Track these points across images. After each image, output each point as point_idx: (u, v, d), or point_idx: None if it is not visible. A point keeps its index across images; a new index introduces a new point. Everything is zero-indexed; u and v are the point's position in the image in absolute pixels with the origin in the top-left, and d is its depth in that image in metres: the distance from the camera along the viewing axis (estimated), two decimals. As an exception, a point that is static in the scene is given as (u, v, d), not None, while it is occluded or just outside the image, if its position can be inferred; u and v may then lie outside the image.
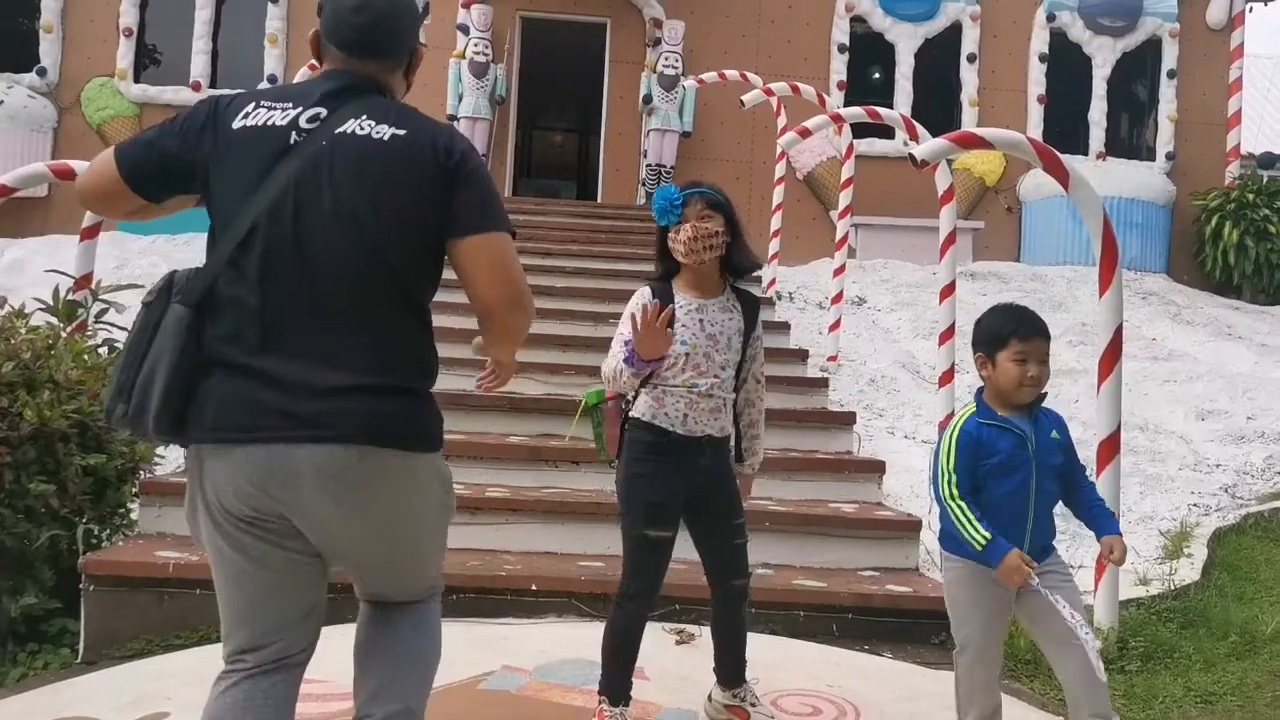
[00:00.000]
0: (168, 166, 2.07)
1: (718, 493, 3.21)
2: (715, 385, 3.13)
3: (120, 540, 4.51)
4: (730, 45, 11.45)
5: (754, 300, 3.29)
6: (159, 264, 9.27)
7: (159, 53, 11.49)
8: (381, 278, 1.99)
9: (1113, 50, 12.08)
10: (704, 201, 3.15)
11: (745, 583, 3.29)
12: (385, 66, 2.15)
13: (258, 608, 2.06)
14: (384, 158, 2.00)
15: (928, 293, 8.97)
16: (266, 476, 1.93)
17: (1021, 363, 2.85)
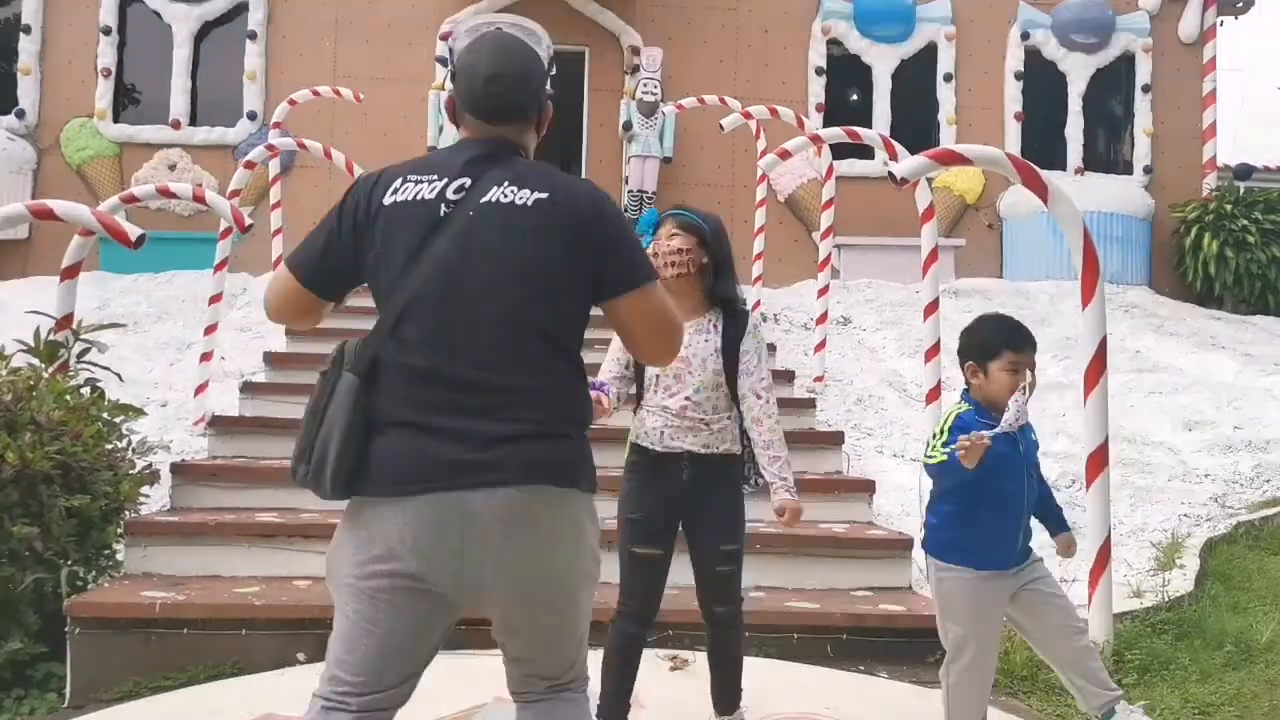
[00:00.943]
0: (343, 263, 2.19)
1: (706, 515, 3.20)
2: (688, 406, 3.15)
3: (105, 582, 4.46)
4: (708, 71, 11.51)
5: (741, 315, 3.29)
6: (141, 302, 9.23)
7: (138, 92, 11.48)
8: (534, 336, 2.11)
9: (1087, 67, 12.18)
10: (675, 222, 3.21)
11: (730, 610, 3.26)
12: (519, 128, 2.26)
13: (386, 658, 2.10)
14: (528, 223, 2.10)
15: (912, 311, 8.99)
16: (444, 523, 2.03)
17: (1014, 372, 2.94)
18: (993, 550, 3.01)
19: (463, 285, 2.08)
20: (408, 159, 2.29)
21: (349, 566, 2.11)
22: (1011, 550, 3.04)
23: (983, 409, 3.01)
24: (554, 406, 2.12)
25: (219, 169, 10.86)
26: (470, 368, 2.08)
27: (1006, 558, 3.03)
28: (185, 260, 9.88)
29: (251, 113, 11.20)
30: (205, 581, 4.50)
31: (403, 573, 2.05)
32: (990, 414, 2.99)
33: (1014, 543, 3.03)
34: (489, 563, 2.06)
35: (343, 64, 11.28)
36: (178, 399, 7.02)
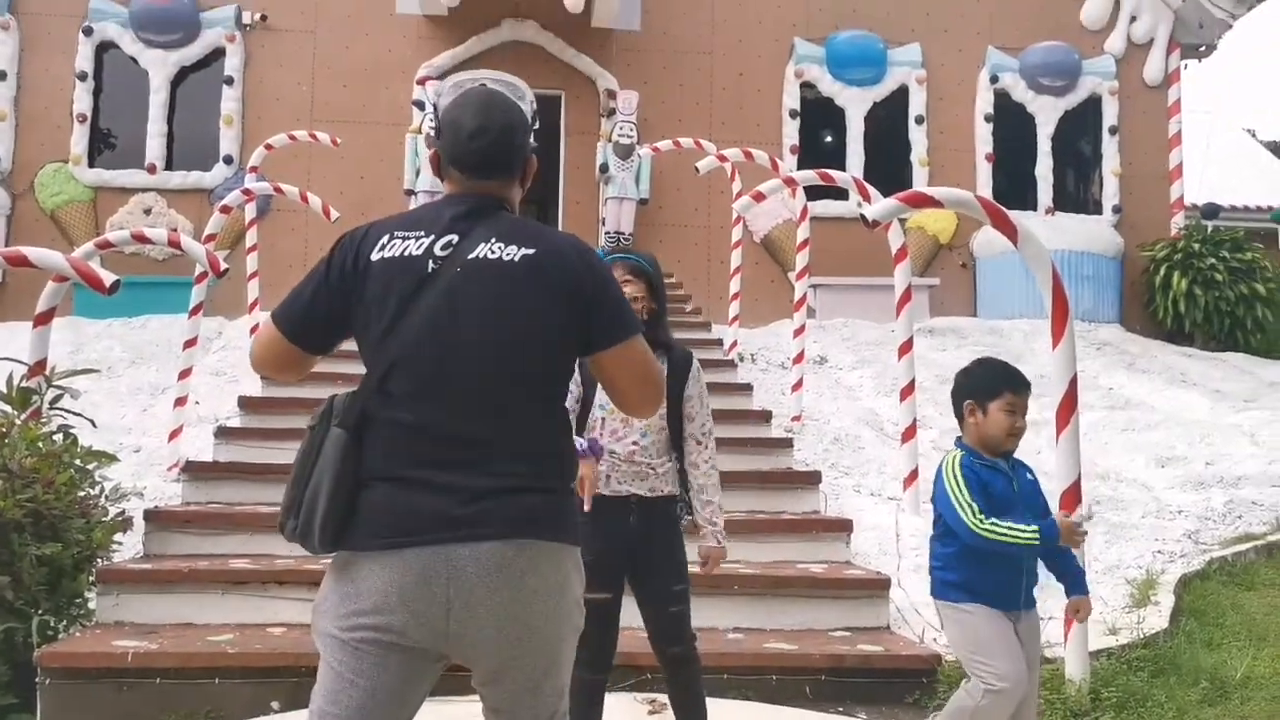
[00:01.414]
0: (330, 318, 2.21)
1: (654, 555, 3.20)
2: (634, 451, 3.17)
3: (77, 631, 4.40)
4: (684, 113, 11.64)
5: (684, 360, 3.30)
6: (114, 347, 9.18)
7: (113, 137, 11.48)
8: (521, 390, 2.14)
9: (1055, 109, 12.40)
10: (626, 268, 3.23)
11: (684, 650, 3.25)
12: (503, 182, 2.28)
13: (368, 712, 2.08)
14: (516, 279, 2.13)
15: (888, 350, 9.05)
16: (430, 576, 2.03)
17: (1011, 413, 2.99)
18: (1000, 592, 3.01)
19: (450, 341, 2.10)
20: (393, 214, 2.31)
21: (334, 619, 2.09)
22: (1016, 593, 3.02)
23: (976, 452, 3.04)
24: (539, 461, 2.14)
25: (195, 213, 10.86)
26: (457, 422, 2.09)
27: (1012, 600, 3.02)
28: (160, 305, 9.85)
29: (228, 157, 11.22)
30: (178, 630, 4.45)
31: (388, 627, 2.04)
32: (985, 456, 3.03)
33: (1019, 584, 3.02)
34: (474, 615, 2.05)
35: (319, 108, 11.34)
36: (151, 444, 6.97)
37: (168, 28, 11.27)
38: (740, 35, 12.03)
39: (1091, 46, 12.44)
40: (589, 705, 3.20)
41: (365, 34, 11.47)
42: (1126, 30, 12.50)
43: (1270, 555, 6.07)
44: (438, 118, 2.33)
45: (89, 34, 11.17)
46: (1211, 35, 12.67)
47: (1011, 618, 3.02)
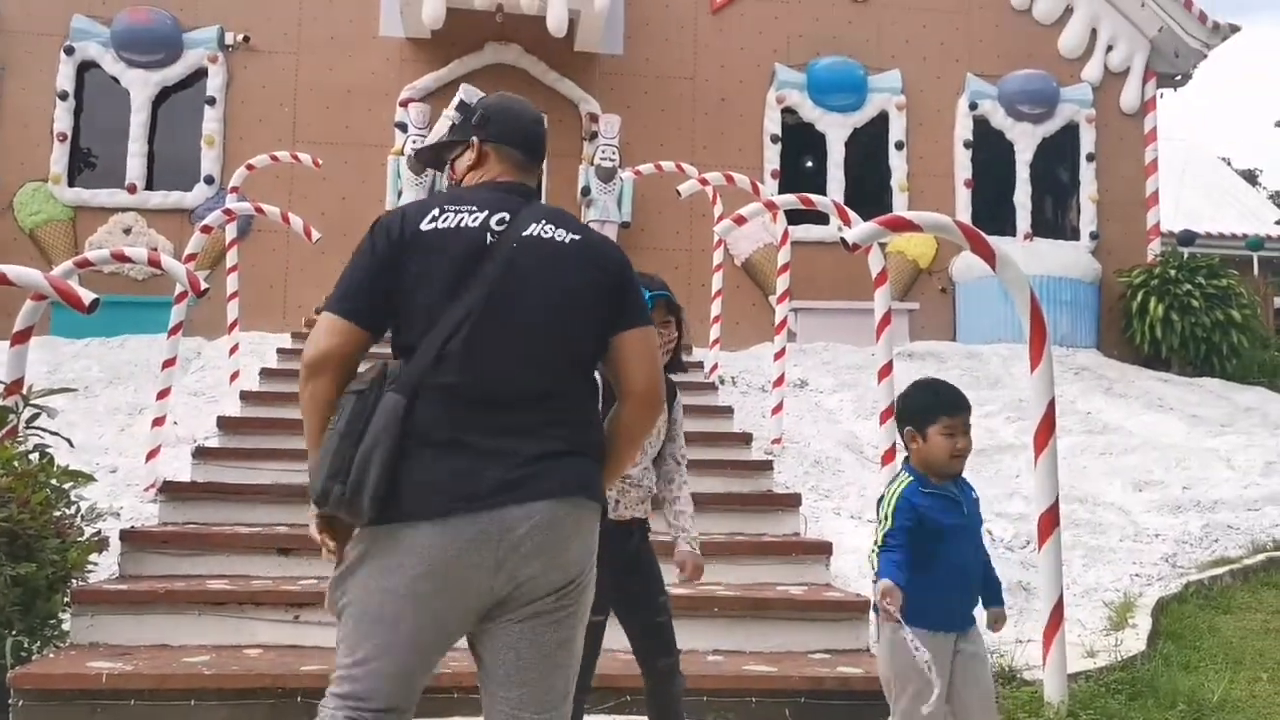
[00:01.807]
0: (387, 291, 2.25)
1: (640, 570, 3.26)
2: (644, 474, 3.23)
3: (51, 652, 4.35)
4: (666, 138, 11.71)
5: (672, 386, 3.37)
6: (92, 367, 9.12)
7: (94, 156, 11.44)
8: (569, 362, 2.30)
9: (1033, 136, 12.54)
10: (665, 306, 3.30)
11: (672, 662, 3.28)
12: (536, 174, 2.52)
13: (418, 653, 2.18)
14: (569, 259, 2.30)
15: (868, 374, 9.09)
16: (485, 540, 2.12)
17: (950, 436, 2.99)
18: (943, 613, 3.04)
19: (510, 310, 2.22)
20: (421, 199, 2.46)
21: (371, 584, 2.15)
22: (958, 614, 3.08)
23: (924, 478, 3.06)
24: (583, 429, 2.30)
25: (175, 233, 10.82)
26: (511, 389, 2.22)
27: (952, 620, 3.06)
28: (138, 325, 9.81)
29: (209, 177, 11.20)
30: (154, 651, 4.41)
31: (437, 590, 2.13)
32: (931, 482, 3.04)
33: (962, 607, 3.08)
34: (523, 571, 2.15)
35: (302, 129, 11.34)
36: (128, 465, 6.91)
37: (150, 48, 11.26)
38: (722, 61, 12.12)
39: (1069, 74, 12.60)
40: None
41: (348, 56, 11.51)
42: (1103, 59, 12.67)
43: (1246, 579, 6.11)
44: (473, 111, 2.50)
45: (70, 53, 11.14)
46: (1187, 65, 12.86)
47: (950, 637, 3.05)
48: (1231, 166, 25.15)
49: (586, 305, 2.30)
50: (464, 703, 4.11)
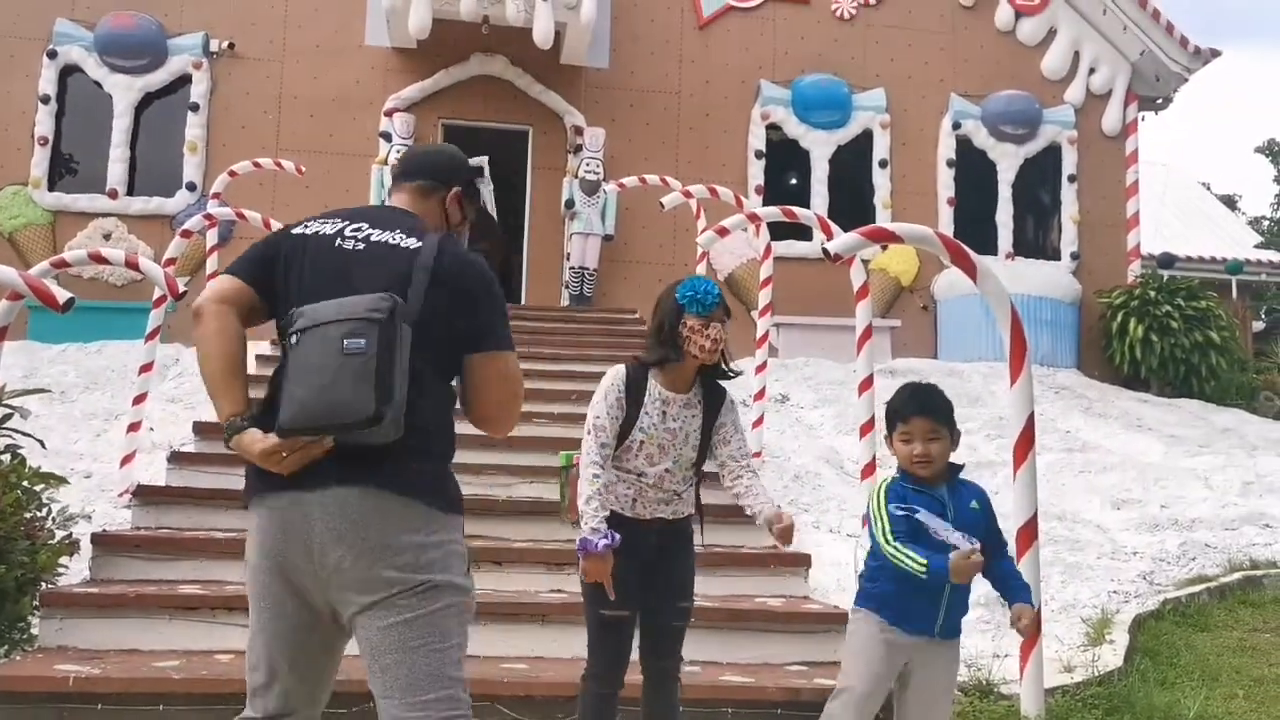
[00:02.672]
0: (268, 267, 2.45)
1: (667, 570, 3.26)
2: (664, 478, 3.19)
3: (18, 655, 4.29)
4: (650, 152, 11.73)
5: (720, 393, 3.37)
6: (69, 372, 9.04)
7: (75, 161, 11.38)
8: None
9: (1015, 156, 12.64)
10: (724, 307, 3.29)
11: (672, 665, 3.32)
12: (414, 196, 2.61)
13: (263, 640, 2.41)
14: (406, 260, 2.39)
15: (849, 389, 9.10)
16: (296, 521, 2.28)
17: (907, 442, 3.00)
18: (908, 611, 3.02)
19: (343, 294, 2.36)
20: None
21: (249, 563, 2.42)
22: (929, 618, 3.03)
23: (908, 476, 3.08)
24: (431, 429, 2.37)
25: (156, 239, 10.76)
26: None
27: (920, 623, 3.03)
28: (116, 330, 9.73)
29: (191, 183, 11.15)
30: (123, 655, 4.34)
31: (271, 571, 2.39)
32: (918, 483, 3.04)
33: (933, 610, 3.03)
34: (330, 557, 2.27)
35: (285, 137, 11.31)
36: (103, 470, 6.84)
37: (134, 53, 11.22)
38: (707, 76, 12.17)
39: (1052, 96, 12.71)
40: (597, 716, 3.26)
41: (333, 64, 11.49)
42: (1086, 81, 12.79)
43: (1223, 597, 6.13)
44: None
45: (53, 57, 11.10)
46: (1168, 88, 12.99)
47: (918, 642, 3.04)
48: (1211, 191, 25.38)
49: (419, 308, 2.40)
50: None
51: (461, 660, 2.34)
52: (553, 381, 7.79)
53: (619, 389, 3.22)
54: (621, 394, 3.22)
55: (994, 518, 3.15)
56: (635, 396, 3.22)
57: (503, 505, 5.67)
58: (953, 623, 3.08)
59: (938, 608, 3.01)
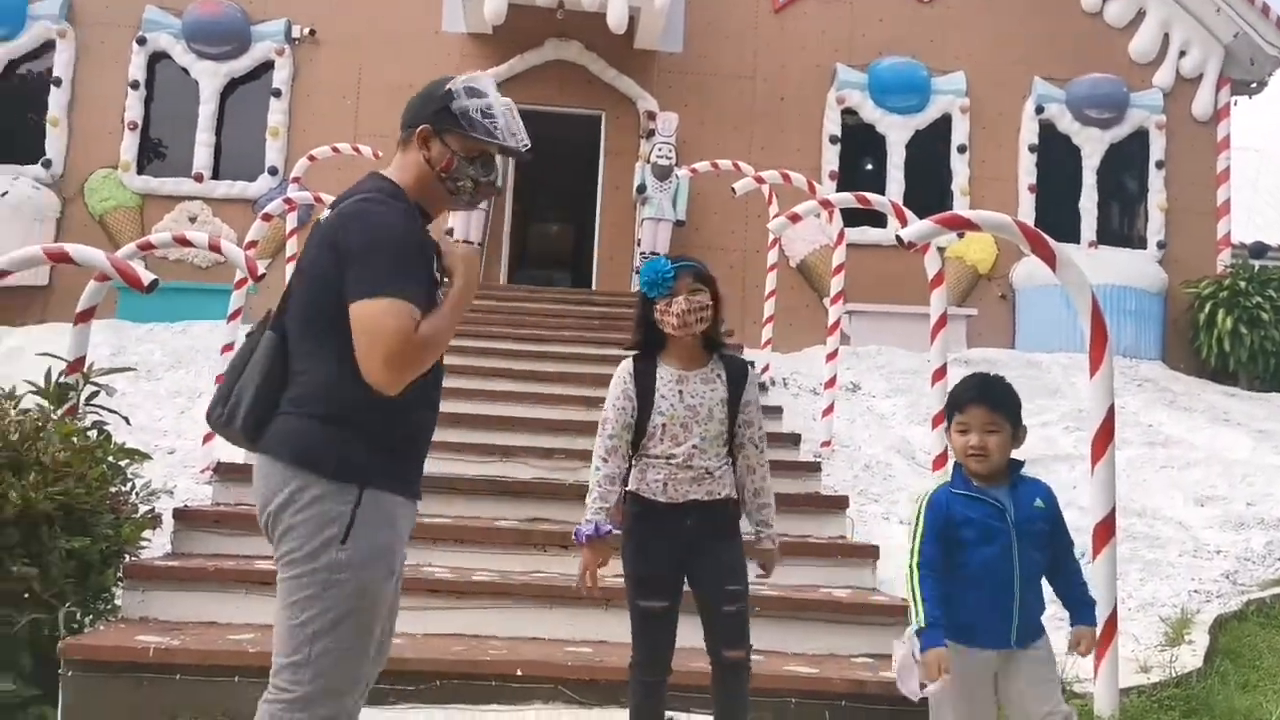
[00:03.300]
0: None
1: (710, 556, 3.21)
2: (693, 455, 3.16)
3: (102, 625, 4.44)
4: (722, 137, 11.65)
5: (741, 367, 3.37)
6: (155, 351, 9.30)
7: (163, 146, 11.68)
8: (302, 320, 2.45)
9: (1101, 141, 12.29)
10: (693, 275, 3.26)
11: (740, 656, 3.28)
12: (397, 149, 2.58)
13: None
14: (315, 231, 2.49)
15: (922, 379, 8.97)
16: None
17: (964, 433, 2.86)
18: (976, 625, 2.84)
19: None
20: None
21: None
22: (998, 626, 2.85)
23: (965, 480, 2.92)
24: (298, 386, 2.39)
25: (239, 223, 10.99)
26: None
27: (992, 635, 2.85)
28: (201, 311, 9.97)
29: (273, 168, 11.37)
30: (201, 627, 4.47)
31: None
32: (973, 484, 2.89)
33: (1001, 618, 2.84)
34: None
35: (363, 122, 11.46)
36: (186, 447, 7.04)
37: (219, 40, 11.46)
38: (782, 60, 12.04)
39: (1140, 79, 12.33)
40: (645, 709, 3.27)
41: (410, 50, 11.60)
42: (1176, 64, 12.38)
43: (1310, 599, 5.92)
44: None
45: (142, 44, 11.39)
46: (1262, 71, 12.51)
47: (999, 656, 2.85)
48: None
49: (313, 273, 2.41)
50: (502, 691, 4.12)
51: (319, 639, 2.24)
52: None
53: (624, 380, 3.27)
54: (628, 384, 3.26)
55: (1060, 518, 2.98)
56: (646, 384, 3.24)
57: (569, 489, 5.70)
58: (1029, 626, 2.89)
59: (1009, 620, 2.84)
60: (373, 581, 2.30)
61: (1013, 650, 2.87)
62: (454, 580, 4.67)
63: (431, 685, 3.92)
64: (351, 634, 2.28)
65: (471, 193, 2.58)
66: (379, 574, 2.31)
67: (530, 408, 6.92)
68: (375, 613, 2.34)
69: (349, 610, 2.26)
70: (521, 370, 7.71)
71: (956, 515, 2.81)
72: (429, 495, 4.86)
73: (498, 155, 2.60)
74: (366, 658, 2.35)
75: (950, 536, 2.80)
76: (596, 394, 6.95)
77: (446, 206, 2.63)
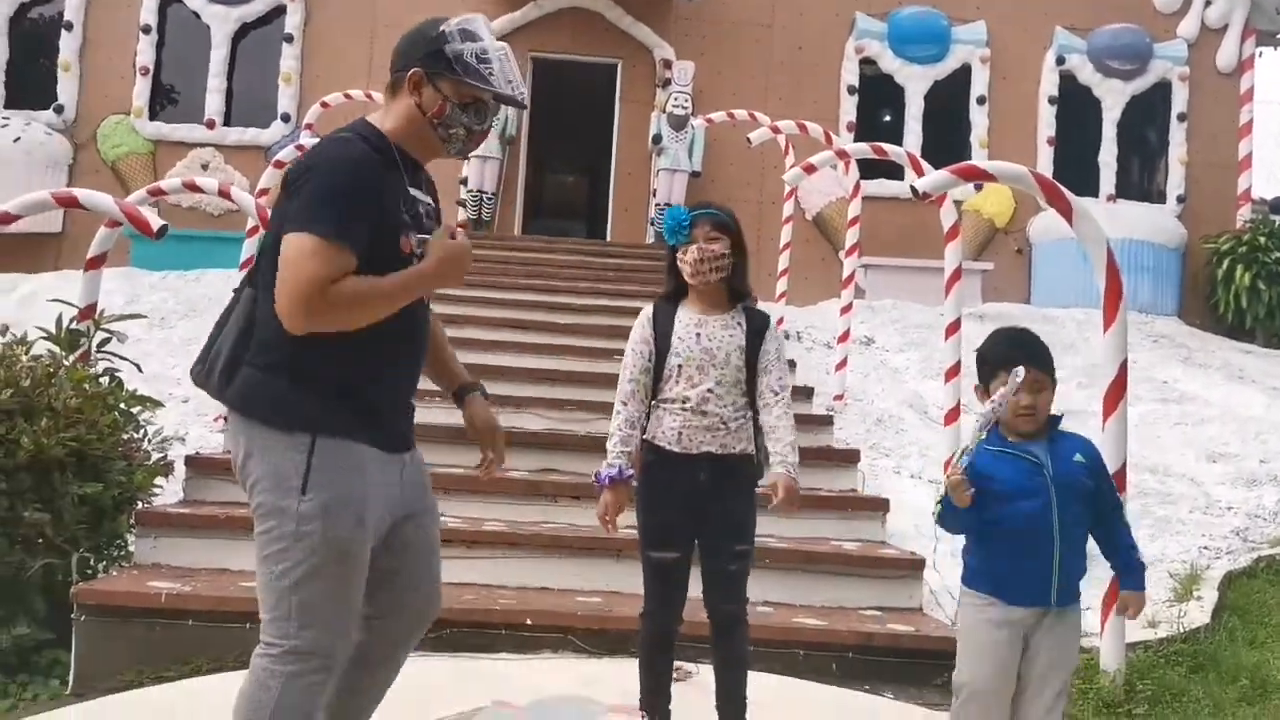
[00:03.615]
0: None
1: (720, 513, 3.19)
2: (708, 399, 3.14)
3: (115, 571, 4.47)
4: (739, 86, 11.51)
5: (763, 318, 3.33)
6: (169, 299, 9.31)
7: (175, 91, 11.62)
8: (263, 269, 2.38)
9: (1122, 93, 12.10)
10: (711, 223, 3.23)
11: (735, 610, 3.26)
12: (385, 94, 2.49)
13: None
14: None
15: (936, 333, 8.90)
16: None
17: (1014, 391, 2.78)
18: (1018, 581, 2.77)
19: None
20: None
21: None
22: (1037, 585, 2.76)
23: (1001, 437, 2.83)
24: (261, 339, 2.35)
25: (251, 170, 10.93)
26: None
27: (1033, 594, 2.77)
28: (214, 259, 9.96)
29: (285, 114, 11.31)
30: (213, 574, 4.51)
31: None
32: (1009, 441, 2.82)
33: (1040, 576, 2.75)
34: None
35: (378, 68, 11.33)
36: (199, 395, 7.02)
37: (230, -17, 11.35)
38: (801, 8, 11.86)
39: (1163, 30, 12.10)
40: (657, 657, 3.29)
41: (425, -4, 11.45)
42: (1201, 14, 12.14)
43: (1322, 556, 5.91)
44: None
45: (153, -14, 11.29)
46: (1289, 23, 12.28)
47: (1034, 613, 2.77)
48: (1333, 133, 24.05)
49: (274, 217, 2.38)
50: (511, 640, 4.16)
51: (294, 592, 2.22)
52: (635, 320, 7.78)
53: (643, 325, 3.30)
54: (645, 328, 3.28)
55: (1105, 473, 2.89)
56: (664, 327, 3.25)
57: (580, 440, 5.71)
58: (1069, 587, 2.80)
59: (1050, 570, 2.74)
60: (341, 530, 2.24)
61: (1050, 610, 2.78)
62: (465, 530, 4.70)
63: (441, 634, 3.94)
64: (330, 584, 2.24)
65: (464, 141, 2.47)
66: (346, 523, 2.25)
67: (543, 359, 6.91)
68: (350, 562, 2.28)
69: (322, 561, 2.22)
70: (534, 321, 7.69)
71: (987, 474, 2.74)
72: (440, 446, 4.92)
73: (491, 103, 2.47)
74: (349, 607, 2.31)
75: (986, 495, 2.74)
76: (609, 345, 6.95)
77: (438, 154, 2.50)
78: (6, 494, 4.02)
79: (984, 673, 2.78)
